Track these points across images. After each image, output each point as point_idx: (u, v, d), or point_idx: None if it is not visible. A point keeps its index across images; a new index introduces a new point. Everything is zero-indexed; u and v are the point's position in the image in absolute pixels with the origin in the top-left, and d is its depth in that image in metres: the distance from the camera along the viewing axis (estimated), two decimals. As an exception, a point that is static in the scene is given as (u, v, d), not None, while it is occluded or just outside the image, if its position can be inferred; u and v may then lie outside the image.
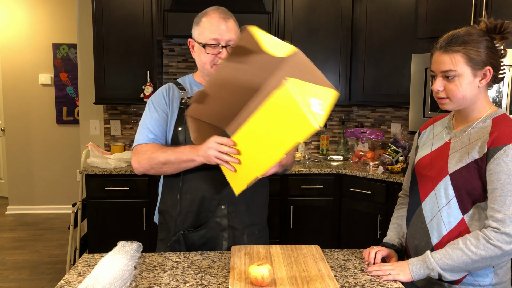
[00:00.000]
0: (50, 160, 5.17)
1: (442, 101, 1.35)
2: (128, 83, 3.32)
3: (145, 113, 1.67)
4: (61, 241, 4.25)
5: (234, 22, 1.61)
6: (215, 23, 1.56)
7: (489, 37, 1.31)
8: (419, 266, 1.30)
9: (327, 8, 3.38)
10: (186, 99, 1.63)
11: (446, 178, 1.32)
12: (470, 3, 2.66)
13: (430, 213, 1.37)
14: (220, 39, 1.56)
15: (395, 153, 3.21)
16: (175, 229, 1.61)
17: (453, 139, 1.38)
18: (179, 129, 1.60)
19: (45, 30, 5.02)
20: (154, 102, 1.66)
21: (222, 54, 1.56)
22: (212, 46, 1.56)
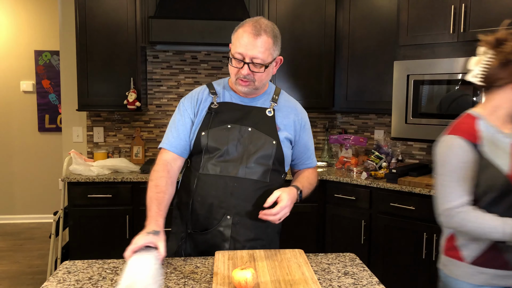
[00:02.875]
0: (32, 169, 5.08)
1: None
2: (111, 90, 3.30)
3: (174, 114, 1.69)
4: (42, 251, 4.17)
5: (268, 39, 1.55)
6: (245, 37, 1.54)
7: None
8: None
9: (310, 16, 3.42)
10: (215, 103, 1.64)
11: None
12: (450, 11, 2.72)
13: None
14: (245, 54, 1.53)
15: (378, 159, 3.25)
16: (184, 227, 1.64)
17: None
18: (202, 133, 1.60)
19: (27, 36, 4.96)
20: (184, 104, 1.69)
21: (243, 70, 1.55)
22: (237, 60, 1.55)
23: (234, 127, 1.61)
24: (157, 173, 1.57)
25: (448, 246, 1.54)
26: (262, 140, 1.61)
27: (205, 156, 1.61)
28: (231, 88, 1.69)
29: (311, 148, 1.80)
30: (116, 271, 1.40)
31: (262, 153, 1.60)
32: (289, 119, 1.70)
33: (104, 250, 3.08)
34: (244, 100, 1.67)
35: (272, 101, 1.70)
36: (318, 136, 3.88)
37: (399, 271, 2.85)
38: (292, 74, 3.46)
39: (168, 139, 1.64)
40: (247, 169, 1.58)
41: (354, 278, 1.37)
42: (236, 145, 1.59)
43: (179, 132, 1.64)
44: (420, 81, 2.84)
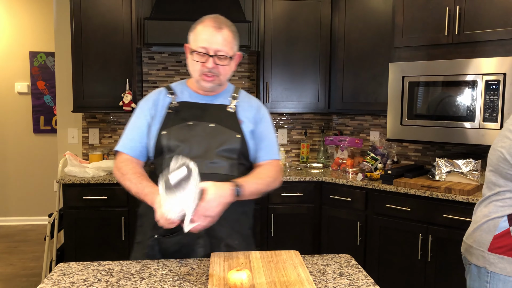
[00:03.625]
0: (26, 170, 5.06)
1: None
2: (107, 91, 3.29)
3: (132, 117, 1.69)
4: (37, 253, 4.15)
5: (229, 33, 1.58)
6: (207, 31, 1.55)
7: None
8: None
9: (306, 18, 3.43)
10: (174, 103, 1.63)
11: None
12: (444, 14, 2.73)
13: None
14: (209, 48, 1.54)
15: (374, 160, 3.25)
16: (151, 233, 1.58)
17: None
18: (163, 133, 1.59)
19: (22, 38, 4.94)
20: (140, 107, 1.68)
21: (208, 63, 1.55)
22: (200, 54, 1.55)
23: (196, 124, 1.60)
24: (122, 166, 1.58)
25: (500, 244, 1.49)
26: (225, 134, 1.60)
27: (167, 155, 1.57)
28: (190, 88, 1.68)
29: (266, 139, 1.69)
30: (111, 273, 1.40)
31: (226, 147, 1.58)
32: (251, 113, 1.70)
33: (99, 252, 3.07)
34: (205, 98, 1.66)
35: (232, 98, 1.69)
36: (314, 138, 3.89)
37: (394, 272, 2.85)
38: (287, 75, 3.47)
39: (122, 141, 1.65)
40: (213, 164, 1.56)
41: (349, 279, 1.37)
42: (199, 141, 1.57)
43: (133, 135, 1.64)
44: (415, 82, 2.86)
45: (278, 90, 3.47)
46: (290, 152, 3.88)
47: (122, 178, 1.58)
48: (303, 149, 3.77)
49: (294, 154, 3.88)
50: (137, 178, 1.54)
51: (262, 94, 3.47)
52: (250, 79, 3.78)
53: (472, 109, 2.61)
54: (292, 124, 3.87)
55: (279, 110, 3.50)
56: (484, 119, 2.57)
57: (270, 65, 3.44)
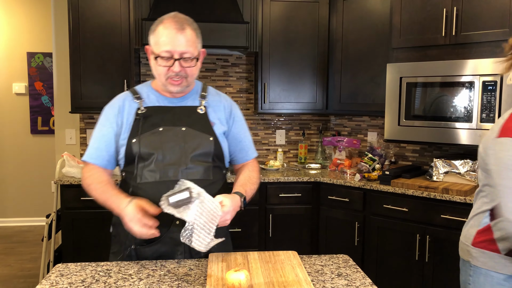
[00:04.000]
0: (24, 171, 5.05)
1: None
2: (105, 92, 3.28)
3: (97, 124, 1.61)
4: (34, 254, 4.14)
5: (192, 32, 1.52)
6: (169, 34, 1.47)
7: None
8: None
9: (304, 19, 3.44)
10: (142, 108, 1.57)
11: None
12: (442, 15, 2.74)
13: None
14: (174, 51, 1.47)
15: (371, 161, 3.26)
16: (128, 243, 1.55)
17: None
18: (133, 141, 1.53)
19: (20, 38, 4.93)
20: (106, 113, 1.61)
21: (174, 67, 1.49)
22: (164, 59, 1.49)
23: (167, 129, 1.55)
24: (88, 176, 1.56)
25: (481, 239, 1.53)
26: (198, 138, 1.56)
27: (139, 164, 1.53)
28: (157, 91, 1.62)
29: (244, 140, 1.71)
30: (109, 274, 1.40)
31: (200, 152, 1.55)
32: (221, 113, 1.66)
33: (97, 253, 3.05)
34: (173, 101, 1.61)
35: (201, 98, 1.65)
36: (312, 138, 3.90)
37: (392, 272, 2.86)
38: (285, 76, 3.47)
39: (89, 151, 1.59)
40: (188, 169, 1.53)
41: (347, 280, 1.37)
42: (173, 147, 1.53)
43: (99, 144, 1.58)
44: (413, 83, 2.86)
45: (276, 91, 3.48)
46: (288, 153, 3.88)
47: (88, 188, 1.55)
48: (301, 149, 3.78)
49: (292, 154, 3.89)
50: (103, 187, 1.51)
51: (260, 95, 3.47)
52: (248, 79, 3.78)
53: (469, 110, 2.62)
54: (290, 124, 3.87)
55: (277, 110, 3.51)
56: (481, 120, 2.58)
57: (268, 66, 3.44)
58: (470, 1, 2.64)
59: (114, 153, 1.59)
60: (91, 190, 1.54)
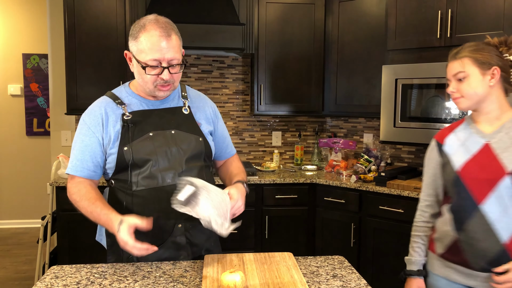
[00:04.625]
0: (19, 173, 5.02)
1: (457, 100, 1.49)
2: (101, 93, 3.22)
3: (77, 135, 1.54)
4: (30, 256, 4.12)
5: (176, 37, 1.47)
6: (155, 42, 1.42)
7: (495, 47, 1.48)
8: None
9: (300, 20, 3.44)
10: (128, 114, 1.52)
11: (506, 176, 1.40)
12: (436, 17, 2.76)
13: (494, 213, 1.41)
14: (162, 59, 1.43)
15: (367, 162, 3.27)
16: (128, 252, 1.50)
17: (491, 140, 1.47)
18: (125, 149, 1.49)
19: (15, 39, 4.92)
20: (87, 122, 1.53)
21: (163, 75, 1.46)
22: (152, 67, 1.44)
23: (157, 133, 1.52)
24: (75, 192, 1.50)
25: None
26: (188, 140, 1.56)
27: (133, 172, 1.50)
28: (137, 94, 1.57)
29: (227, 137, 1.77)
30: (104, 276, 1.40)
31: (192, 153, 1.55)
32: (205, 112, 1.66)
33: (93, 255, 3.05)
34: (155, 103, 1.57)
35: (183, 98, 1.63)
36: (308, 140, 3.90)
37: (388, 274, 2.86)
38: (281, 78, 3.48)
39: (73, 163, 1.53)
40: (184, 173, 1.51)
41: (342, 281, 1.38)
42: (166, 152, 1.51)
43: (84, 155, 1.51)
44: (408, 85, 2.87)
45: (272, 93, 3.48)
46: (284, 154, 3.89)
47: (76, 205, 1.50)
48: (297, 151, 3.78)
49: (288, 156, 3.89)
50: (91, 206, 1.45)
51: (256, 97, 3.48)
52: (245, 81, 3.78)
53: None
54: (286, 126, 3.87)
55: (273, 112, 3.51)
56: (476, 121, 2.59)
57: (264, 68, 3.45)
58: (464, 4, 2.66)
59: (102, 162, 1.53)
60: (79, 207, 1.48)
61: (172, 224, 1.51)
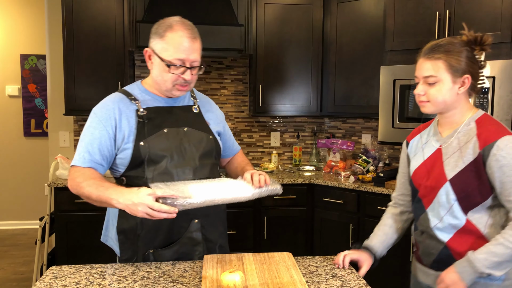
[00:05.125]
0: (17, 174, 5.01)
1: (422, 103, 1.42)
2: (99, 94, 3.23)
3: (87, 127, 1.53)
4: (28, 257, 4.11)
5: (199, 40, 1.53)
6: (182, 42, 1.46)
7: (470, 48, 1.38)
8: (469, 272, 1.32)
9: (298, 21, 3.45)
10: (142, 110, 1.53)
11: (446, 184, 1.37)
12: (434, 18, 2.77)
13: (435, 218, 1.41)
14: (186, 59, 1.47)
15: (365, 163, 3.28)
16: (145, 247, 1.53)
17: (443, 145, 1.43)
18: (141, 144, 1.49)
19: (13, 40, 4.91)
20: (98, 115, 1.52)
21: (186, 75, 1.49)
22: (176, 66, 1.48)
23: (171, 130, 1.54)
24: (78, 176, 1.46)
25: None
26: (200, 137, 1.59)
27: (149, 167, 1.49)
28: (150, 91, 1.59)
29: (231, 135, 1.84)
30: (104, 276, 1.40)
31: (205, 151, 1.58)
32: (213, 113, 1.71)
33: (91, 255, 3.04)
34: (168, 101, 1.60)
35: (193, 98, 1.68)
36: (306, 141, 3.91)
37: (387, 273, 2.87)
38: (280, 79, 3.48)
39: (81, 155, 1.49)
40: (199, 168, 1.55)
41: (342, 281, 1.38)
42: (180, 148, 1.53)
43: (92, 147, 1.49)
44: (406, 85, 2.88)
45: (271, 93, 3.49)
46: (283, 155, 3.89)
47: (78, 187, 1.45)
48: (296, 152, 3.79)
49: (287, 157, 3.89)
50: (96, 183, 1.41)
51: (254, 97, 3.48)
52: (243, 82, 3.79)
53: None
54: (285, 127, 3.88)
55: (272, 113, 3.52)
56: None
57: (262, 68, 3.45)
58: (462, 4, 2.67)
59: (109, 156, 1.52)
60: (81, 188, 1.43)
61: (189, 220, 1.53)
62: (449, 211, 1.38)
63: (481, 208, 1.36)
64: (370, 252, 1.54)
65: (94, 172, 1.50)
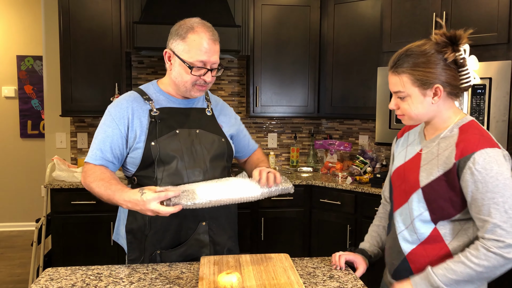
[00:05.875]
0: (13, 175, 4.99)
1: (400, 117, 1.37)
2: (96, 95, 3.27)
3: (101, 125, 1.56)
4: (24, 259, 4.08)
5: (218, 43, 1.54)
6: (204, 44, 1.47)
7: (440, 52, 1.28)
8: (423, 286, 1.26)
9: (295, 22, 3.45)
10: (155, 110, 1.54)
11: (418, 191, 1.31)
12: (431, 19, 2.77)
13: (402, 223, 1.37)
14: (207, 61, 1.48)
15: (363, 164, 3.28)
16: (152, 248, 1.53)
17: (424, 149, 1.36)
18: (152, 144, 1.50)
19: (9, 41, 4.89)
20: (112, 114, 1.55)
21: (206, 77, 1.50)
22: (198, 68, 1.48)
23: (183, 131, 1.55)
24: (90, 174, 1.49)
25: None
26: (212, 140, 1.59)
27: (159, 168, 1.50)
28: (164, 91, 1.60)
29: (247, 134, 1.82)
30: (100, 278, 1.39)
31: (216, 153, 1.58)
32: (227, 116, 1.71)
33: (88, 257, 3.03)
34: (182, 102, 1.60)
35: (207, 101, 1.68)
36: (303, 142, 3.90)
37: (384, 275, 2.87)
38: (277, 80, 3.48)
39: (93, 152, 1.52)
40: (209, 170, 1.55)
41: (339, 282, 1.37)
42: (191, 149, 1.53)
43: (104, 145, 1.52)
44: (403, 87, 2.88)
45: (268, 94, 3.49)
46: (280, 156, 3.89)
47: (89, 187, 1.49)
48: (293, 153, 3.78)
49: (284, 158, 3.89)
50: (106, 183, 1.44)
51: (252, 98, 3.47)
52: (240, 83, 3.78)
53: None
54: (282, 128, 3.88)
55: (269, 114, 3.51)
56: (471, 123, 2.60)
57: (260, 70, 3.45)
58: (459, 6, 2.67)
59: (120, 155, 1.54)
60: (93, 188, 1.47)
61: (197, 222, 1.53)
62: (417, 218, 1.32)
63: (452, 221, 1.29)
64: (365, 255, 1.52)
65: (104, 170, 1.51)
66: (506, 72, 2.46)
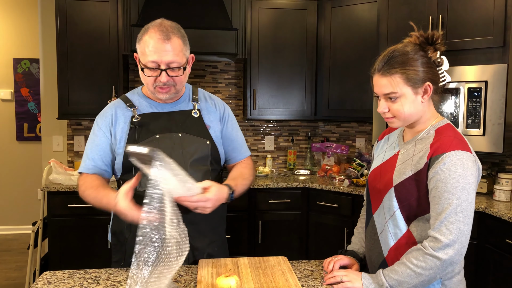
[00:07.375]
0: (9, 179, 4.97)
1: (389, 120, 1.35)
2: (93, 98, 3.26)
3: (90, 135, 1.62)
4: (20, 263, 4.06)
5: (178, 40, 1.49)
6: (155, 44, 1.45)
7: (423, 51, 1.31)
8: (371, 281, 1.28)
9: (292, 26, 3.46)
10: (136, 117, 1.55)
11: (391, 190, 1.32)
12: (428, 22, 2.79)
13: (380, 224, 1.37)
14: (160, 61, 1.46)
15: (360, 166, 3.29)
16: (131, 251, 1.47)
17: (401, 150, 1.37)
18: None
19: (6, 44, 4.88)
20: (98, 123, 1.60)
21: (161, 77, 1.47)
22: (151, 69, 1.47)
23: (164, 136, 1.54)
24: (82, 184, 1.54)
25: None
26: (195, 143, 1.57)
27: (137, 172, 1.48)
28: (148, 97, 1.61)
29: (236, 140, 1.73)
30: (98, 281, 1.38)
31: (197, 156, 1.56)
32: (215, 115, 1.67)
33: (85, 260, 3.02)
34: (166, 106, 1.60)
35: (194, 101, 1.65)
36: (301, 144, 3.91)
37: (381, 278, 2.87)
38: (274, 83, 3.49)
39: (84, 162, 1.58)
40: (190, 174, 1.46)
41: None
42: (170, 154, 1.47)
43: (94, 154, 1.57)
44: (399, 90, 2.90)
45: (265, 97, 3.49)
46: (277, 159, 3.89)
47: (83, 195, 1.53)
48: (290, 156, 3.79)
49: (281, 161, 3.90)
50: (94, 192, 1.49)
51: (249, 101, 3.48)
52: (237, 86, 3.79)
53: (455, 116, 2.66)
54: (279, 131, 3.88)
55: (266, 117, 3.52)
56: (467, 126, 2.62)
57: (257, 73, 3.46)
58: (455, 9, 2.69)
59: (110, 162, 1.59)
60: (86, 197, 1.52)
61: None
62: (392, 218, 1.32)
63: (423, 220, 1.29)
64: (356, 257, 1.52)
65: (95, 179, 1.55)
66: (502, 75, 2.48)
